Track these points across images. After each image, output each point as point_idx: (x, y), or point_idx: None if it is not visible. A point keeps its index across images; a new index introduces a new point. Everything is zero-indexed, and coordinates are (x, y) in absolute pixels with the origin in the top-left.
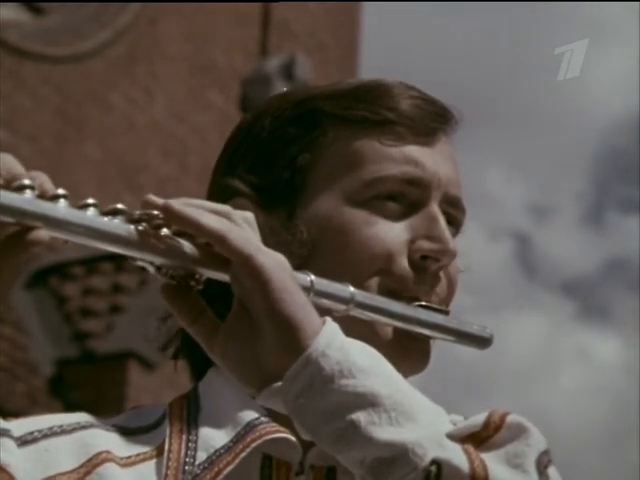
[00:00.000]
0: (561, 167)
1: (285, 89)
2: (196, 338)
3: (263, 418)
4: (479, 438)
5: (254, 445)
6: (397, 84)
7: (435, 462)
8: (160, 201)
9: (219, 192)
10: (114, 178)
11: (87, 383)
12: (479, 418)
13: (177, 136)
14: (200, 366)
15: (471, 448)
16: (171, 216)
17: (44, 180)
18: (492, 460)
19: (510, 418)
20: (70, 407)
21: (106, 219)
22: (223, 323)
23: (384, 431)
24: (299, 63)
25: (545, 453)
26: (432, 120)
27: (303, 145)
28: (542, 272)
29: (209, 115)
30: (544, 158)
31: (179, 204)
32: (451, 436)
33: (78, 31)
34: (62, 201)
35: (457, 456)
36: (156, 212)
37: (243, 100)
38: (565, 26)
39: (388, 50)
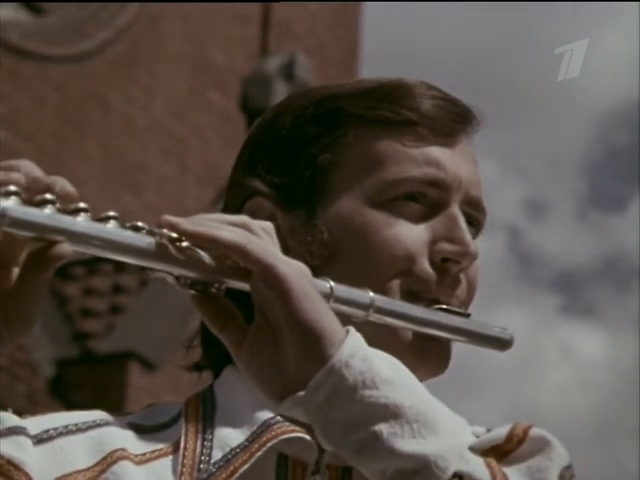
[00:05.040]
0: (555, 163)
1: (298, 88)
2: (226, 344)
3: (279, 417)
4: (501, 451)
5: (270, 444)
6: (418, 84)
7: (457, 475)
8: (174, 221)
9: (238, 191)
10: (114, 178)
11: (87, 383)
12: (502, 431)
13: (177, 136)
14: (217, 364)
15: (493, 462)
16: (187, 237)
17: (64, 184)
18: (514, 474)
19: (533, 431)
20: (70, 408)
21: (126, 232)
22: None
23: (406, 443)
24: (299, 63)
25: (568, 468)
26: (453, 120)
27: (324, 144)
28: (533, 267)
29: (209, 115)
30: (539, 154)
31: (193, 224)
32: (473, 449)
33: (78, 31)
34: (82, 215)
35: (479, 469)
36: (174, 234)
37: (243, 100)
38: (564, 22)
39: (388, 50)
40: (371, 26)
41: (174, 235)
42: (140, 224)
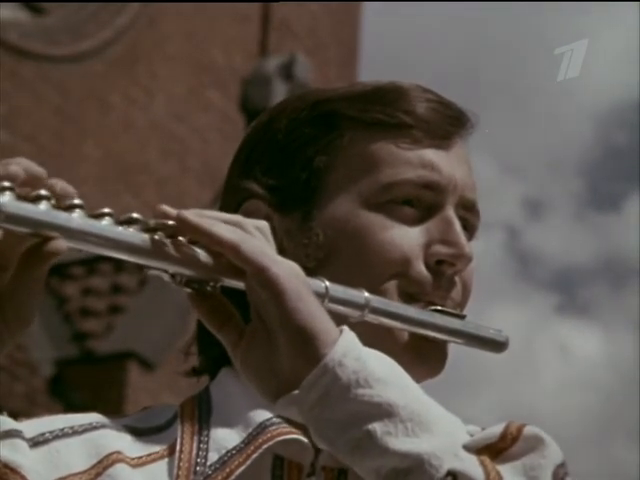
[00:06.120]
0: (554, 163)
1: (297, 88)
2: (223, 343)
3: (275, 419)
4: (496, 449)
5: (265, 446)
6: (414, 87)
7: (451, 473)
8: (174, 212)
9: (234, 193)
10: (114, 178)
11: (87, 383)
12: (496, 429)
13: (177, 136)
14: (213, 366)
15: (487, 460)
16: (185, 227)
17: (64, 184)
18: (508, 472)
19: (527, 430)
20: (70, 407)
21: (121, 228)
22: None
23: (400, 441)
24: (299, 63)
25: (561, 466)
26: (448, 123)
27: (320, 147)
28: (531, 267)
29: (209, 115)
30: (538, 153)
31: (192, 215)
32: (467, 447)
33: (78, 31)
34: (77, 211)
35: (473, 467)
36: (170, 222)
37: (243, 100)
38: (564, 22)
39: (388, 50)
40: (371, 26)
41: (170, 223)
42: (135, 215)
